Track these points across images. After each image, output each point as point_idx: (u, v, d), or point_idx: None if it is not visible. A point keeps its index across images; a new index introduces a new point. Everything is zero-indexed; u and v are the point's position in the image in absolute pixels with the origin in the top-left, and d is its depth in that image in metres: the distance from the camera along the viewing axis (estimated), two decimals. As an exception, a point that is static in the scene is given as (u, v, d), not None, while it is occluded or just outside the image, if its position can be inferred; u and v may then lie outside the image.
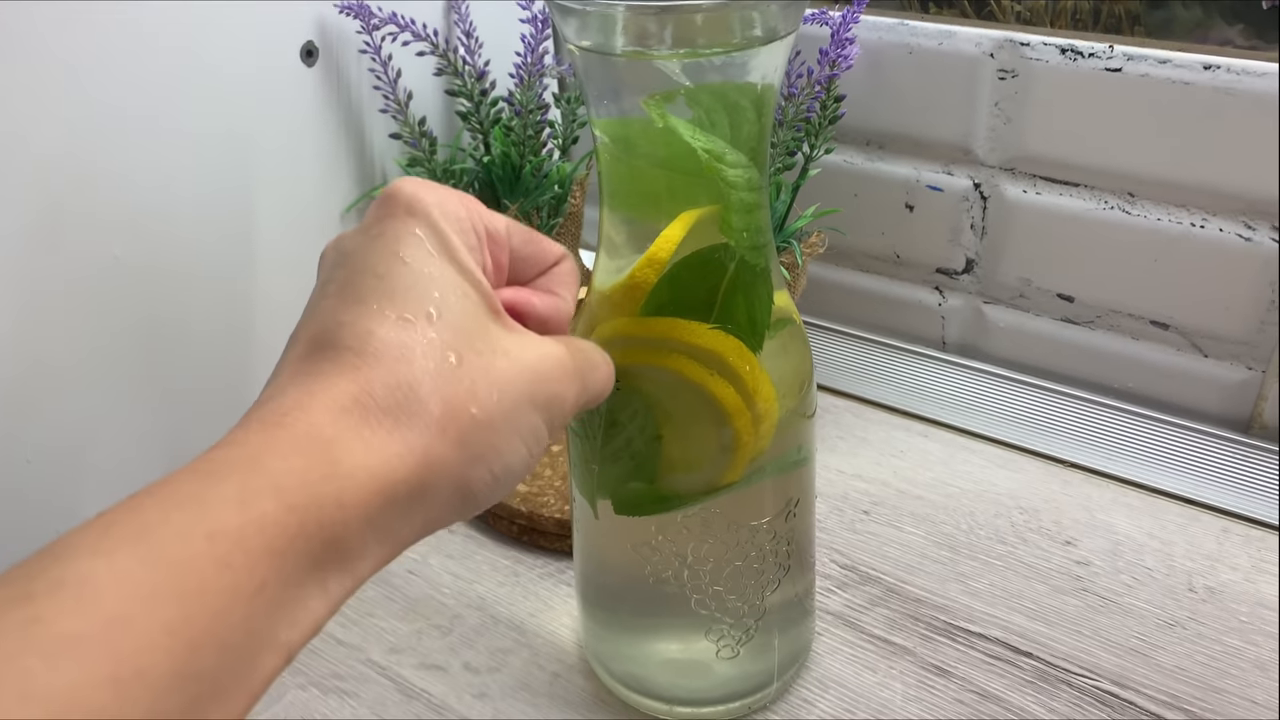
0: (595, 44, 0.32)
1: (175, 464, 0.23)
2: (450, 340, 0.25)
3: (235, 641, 0.20)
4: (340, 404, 0.23)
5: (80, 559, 0.19)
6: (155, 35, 0.46)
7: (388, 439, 0.23)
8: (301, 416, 0.23)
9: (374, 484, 0.22)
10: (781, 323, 0.38)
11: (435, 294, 0.25)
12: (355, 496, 0.22)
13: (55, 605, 0.18)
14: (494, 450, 0.24)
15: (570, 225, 0.60)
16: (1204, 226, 0.55)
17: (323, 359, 0.24)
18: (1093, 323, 0.61)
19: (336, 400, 0.23)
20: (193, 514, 0.20)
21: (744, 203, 0.34)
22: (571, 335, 0.33)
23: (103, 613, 0.18)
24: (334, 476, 0.22)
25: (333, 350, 0.24)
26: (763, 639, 0.43)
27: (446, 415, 0.24)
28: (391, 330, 0.24)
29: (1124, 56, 0.53)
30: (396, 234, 0.26)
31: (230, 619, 0.19)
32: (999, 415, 0.62)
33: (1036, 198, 0.59)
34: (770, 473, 0.39)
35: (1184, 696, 0.45)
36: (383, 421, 0.23)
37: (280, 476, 0.21)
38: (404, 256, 0.26)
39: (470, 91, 0.57)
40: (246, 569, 0.20)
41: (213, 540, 0.20)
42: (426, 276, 0.26)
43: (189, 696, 0.19)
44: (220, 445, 0.23)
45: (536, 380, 0.26)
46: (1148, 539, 0.53)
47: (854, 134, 0.63)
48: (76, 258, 0.46)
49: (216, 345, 0.53)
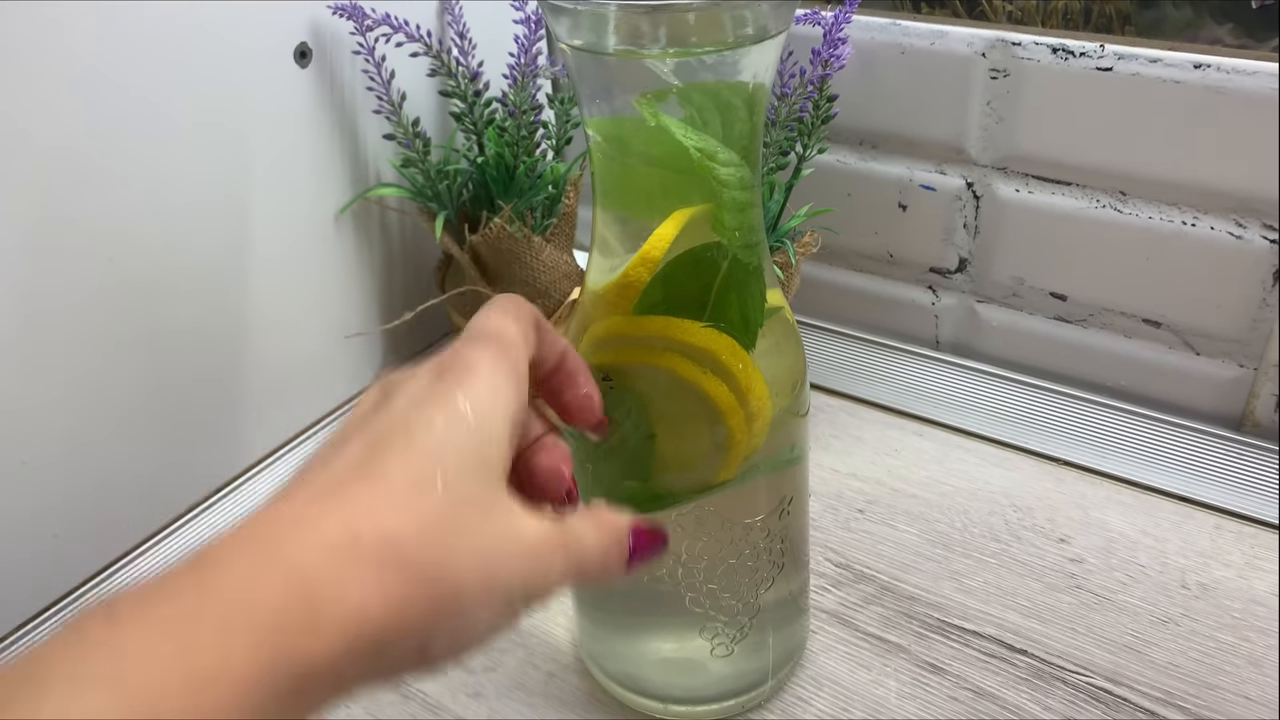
0: (587, 43, 0.32)
1: (166, 468, 0.23)
2: (454, 507, 0.25)
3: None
4: (333, 541, 0.23)
5: (53, 695, 0.20)
6: (148, 37, 0.46)
7: (368, 589, 0.23)
8: (295, 543, 0.23)
9: (345, 634, 0.23)
10: (774, 321, 0.38)
11: (456, 462, 0.26)
12: (327, 646, 0.22)
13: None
14: (464, 620, 0.25)
15: (564, 226, 0.60)
16: (1195, 225, 0.55)
17: (332, 487, 0.25)
18: (1085, 321, 0.61)
19: (330, 536, 0.23)
20: (172, 651, 0.21)
21: (736, 201, 0.34)
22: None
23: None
24: (312, 627, 0.22)
25: (340, 485, 0.25)
26: (757, 637, 0.43)
27: (429, 578, 0.24)
28: (401, 484, 0.25)
29: (1115, 56, 0.53)
30: (441, 398, 0.27)
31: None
32: (993, 414, 0.63)
33: (1029, 197, 0.59)
34: (764, 471, 0.39)
35: (1177, 693, 0.45)
36: (367, 569, 0.23)
37: (261, 617, 0.22)
38: (438, 421, 0.26)
39: (464, 92, 0.57)
40: (214, 710, 0.21)
41: (188, 681, 0.21)
42: (454, 445, 0.26)
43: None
44: (215, 553, 0.23)
45: (523, 560, 0.27)
46: (1141, 536, 0.53)
47: (847, 133, 0.64)
48: (70, 261, 0.46)
49: (210, 347, 0.53)
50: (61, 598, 0.50)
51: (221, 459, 0.56)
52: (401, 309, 0.62)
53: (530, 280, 0.58)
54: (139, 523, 0.53)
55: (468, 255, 0.58)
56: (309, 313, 0.59)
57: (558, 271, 0.59)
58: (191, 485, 0.55)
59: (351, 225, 0.60)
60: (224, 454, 0.56)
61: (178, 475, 0.54)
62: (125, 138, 0.47)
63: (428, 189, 0.58)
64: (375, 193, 0.60)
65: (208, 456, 0.56)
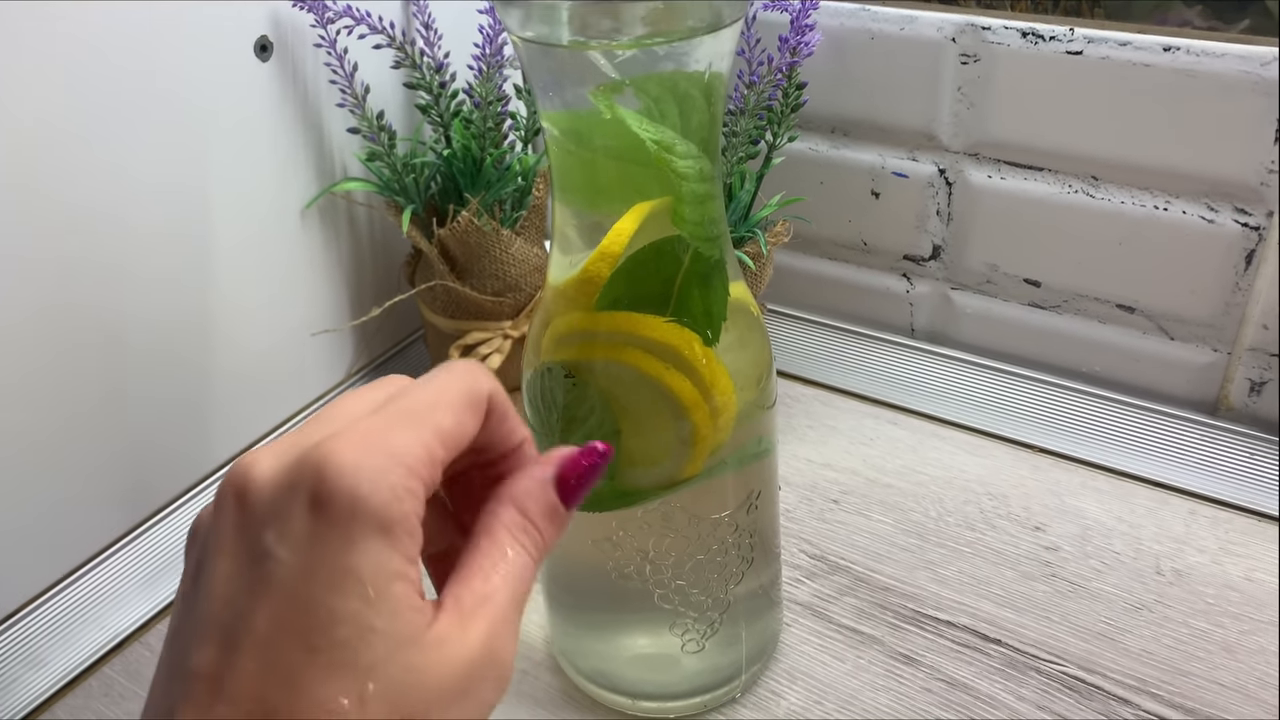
0: (539, 35, 0.31)
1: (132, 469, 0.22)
2: (380, 698, 0.22)
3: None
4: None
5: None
6: (106, 32, 0.45)
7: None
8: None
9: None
10: (738, 314, 0.37)
11: (372, 656, 0.22)
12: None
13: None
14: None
15: (534, 218, 0.60)
16: (1167, 209, 0.55)
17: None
18: (1059, 307, 0.61)
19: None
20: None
21: (695, 194, 0.33)
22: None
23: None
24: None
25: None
26: (729, 632, 0.42)
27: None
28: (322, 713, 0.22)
29: (1084, 39, 0.53)
30: (331, 576, 0.22)
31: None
32: (968, 401, 0.62)
33: (1001, 183, 0.59)
34: (731, 466, 0.38)
35: (1150, 680, 0.45)
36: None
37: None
38: (342, 613, 0.22)
39: (429, 84, 0.56)
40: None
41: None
42: (367, 632, 0.22)
43: None
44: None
45: (456, 690, 0.24)
46: (1116, 523, 0.53)
47: (818, 121, 0.63)
48: (28, 261, 0.45)
49: (176, 346, 0.53)
50: (27, 603, 0.49)
51: (189, 458, 0.56)
52: (370, 304, 0.62)
53: (500, 274, 0.58)
54: (105, 525, 0.52)
55: (436, 249, 0.57)
56: (276, 310, 0.58)
57: (528, 265, 0.59)
58: (160, 485, 0.54)
59: (318, 220, 0.59)
60: (192, 453, 0.56)
61: (144, 475, 0.53)
62: (84, 135, 0.46)
63: (394, 182, 0.57)
64: (341, 187, 0.59)
65: (175, 455, 0.55)
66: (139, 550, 0.53)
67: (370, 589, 0.22)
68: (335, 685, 0.22)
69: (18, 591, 0.49)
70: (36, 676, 0.49)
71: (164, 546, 0.54)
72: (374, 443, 0.23)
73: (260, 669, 0.22)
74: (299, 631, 0.22)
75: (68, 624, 0.50)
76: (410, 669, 0.23)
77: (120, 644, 0.51)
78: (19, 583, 0.49)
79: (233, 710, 0.22)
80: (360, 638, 0.22)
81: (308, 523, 0.22)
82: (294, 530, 0.22)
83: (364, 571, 0.22)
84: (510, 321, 0.59)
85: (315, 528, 0.22)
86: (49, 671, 0.49)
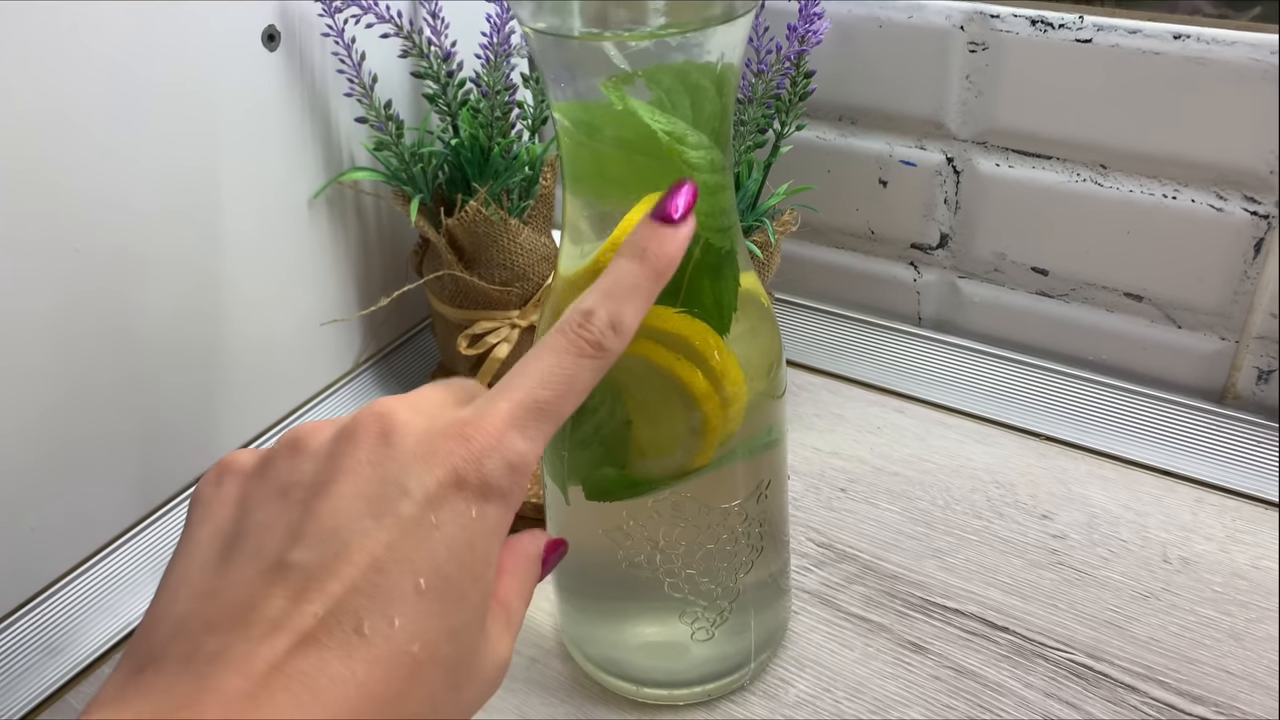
0: (551, 26, 0.31)
1: (143, 459, 0.22)
2: (439, 663, 0.24)
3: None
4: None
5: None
6: (113, 22, 0.45)
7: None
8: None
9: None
10: (749, 304, 0.37)
11: (458, 621, 0.25)
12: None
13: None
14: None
15: (542, 207, 0.60)
16: (1176, 198, 0.55)
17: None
18: (1067, 296, 0.61)
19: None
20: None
21: (707, 185, 0.33)
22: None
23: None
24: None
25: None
26: (738, 620, 0.43)
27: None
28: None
29: (1094, 27, 0.53)
30: (456, 538, 0.25)
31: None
32: (975, 389, 0.62)
33: (1009, 171, 0.59)
34: (741, 455, 0.39)
35: (1158, 668, 0.45)
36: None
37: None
38: (453, 573, 0.24)
39: (437, 73, 0.56)
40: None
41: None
42: (460, 598, 0.25)
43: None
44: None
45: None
46: (1123, 511, 0.53)
47: (826, 110, 0.63)
48: (35, 253, 0.45)
49: (184, 337, 0.53)
50: (41, 591, 0.50)
51: (200, 446, 0.56)
52: (378, 294, 0.62)
53: (508, 263, 0.58)
54: (118, 513, 0.52)
55: (444, 239, 0.57)
56: (284, 300, 0.58)
57: (536, 254, 0.59)
58: (171, 473, 0.54)
59: (326, 210, 0.59)
60: (203, 441, 0.56)
61: (155, 464, 0.53)
62: (90, 125, 0.46)
63: (402, 172, 0.57)
64: (349, 176, 0.59)
65: (187, 444, 0.55)
66: (152, 537, 0.53)
67: (487, 566, 0.25)
68: (422, 624, 0.23)
69: (32, 580, 0.49)
70: (52, 664, 0.49)
71: (177, 533, 0.54)
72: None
73: (364, 585, 0.23)
74: (410, 568, 0.23)
75: (82, 611, 0.51)
76: (475, 650, 0.25)
77: (134, 631, 0.51)
78: (33, 571, 0.49)
79: (321, 606, 0.23)
80: (458, 599, 0.24)
81: (446, 489, 0.24)
82: (429, 486, 0.24)
83: (481, 546, 0.25)
84: (518, 311, 0.60)
85: (445, 495, 0.24)
86: (64, 659, 0.49)
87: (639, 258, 0.28)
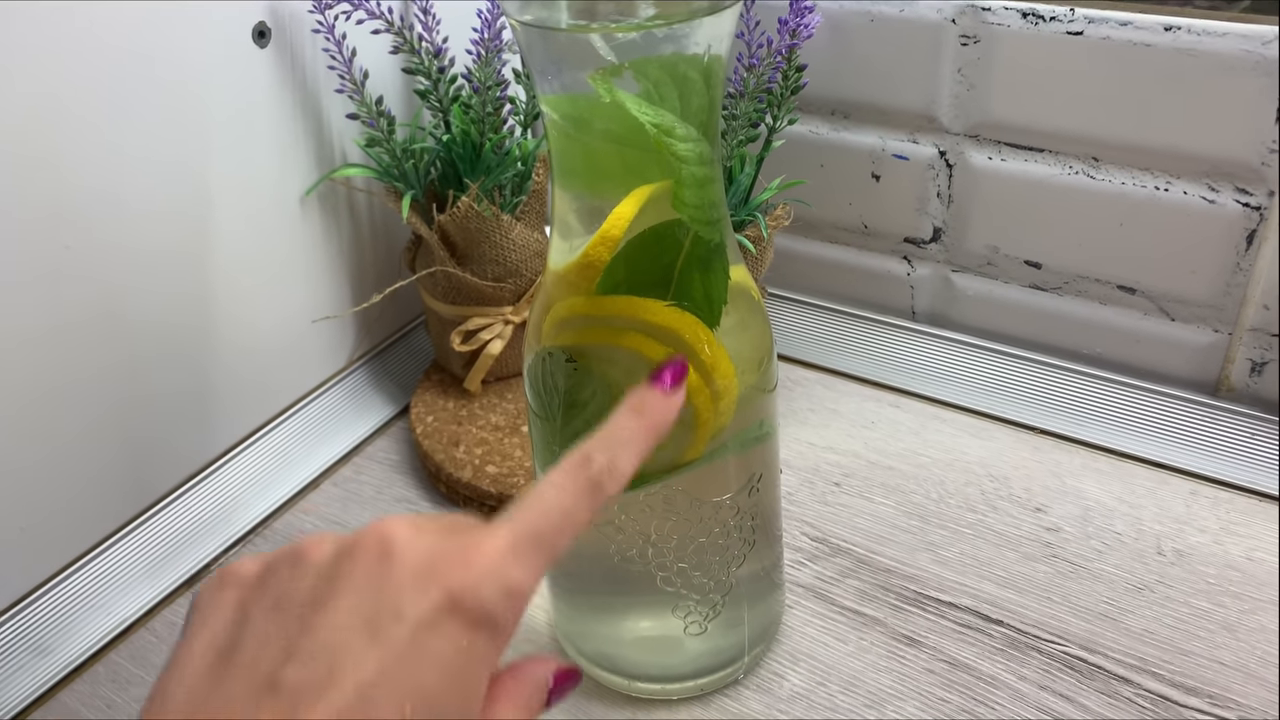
0: (537, 19, 0.31)
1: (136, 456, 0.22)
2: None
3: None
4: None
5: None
6: (103, 19, 0.45)
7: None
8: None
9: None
10: (739, 297, 0.37)
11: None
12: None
13: None
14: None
15: (534, 203, 0.60)
16: (1168, 190, 0.55)
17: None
18: (1060, 289, 0.61)
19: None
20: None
21: (695, 177, 0.33)
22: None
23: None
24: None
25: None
26: (731, 614, 0.43)
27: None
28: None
29: (1085, 19, 0.53)
30: (443, 663, 0.25)
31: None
32: (969, 383, 0.62)
33: (1002, 164, 0.59)
34: (732, 449, 0.39)
35: (1152, 660, 0.45)
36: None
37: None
38: (443, 701, 0.24)
39: (428, 69, 0.56)
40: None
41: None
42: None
43: None
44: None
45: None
46: (1117, 503, 0.53)
47: (818, 104, 0.63)
48: (26, 250, 0.45)
49: (177, 334, 0.53)
50: (32, 590, 0.49)
51: (192, 445, 0.56)
52: (371, 291, 0.62)
53: (500, 259, 0.58)
54: (108, 513, 0.52)
55: (436, 235, 0.57)
56: (277, 297, 0.58)
57: (528, 250, 0.58)
58: (162, 473, 0.54)
59: (318, 207, 0.59)
60: (194, 441, 0.56)
61: (146, 463, 0.53)
62: (81, 123, 0.46)
63: (394, 168, 0.57)
64: (341, 173, 0.59)
65: (179, 444, 0.55)
66: (143, 537, 0.53)
67: (475, 696, 0.25)
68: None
69: (23, 579, 0.49)
70: (43, 663, 0.49)
71: (167, 534, 0.54)
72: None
73: (351, 710, 0.23)
74: (398, 693, 0.24)
75: (73, 611, 0.50)
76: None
77: (126, 630, 0.51)
78: (24, 570, 0.49)
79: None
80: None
81: (440, 613, 0.24)
82: (424, 610, 0.24)
83: (471, 674, 0.25)
84: (511, 307, 0.59)
85: (439, 619, 0.24)
86: (55, 658, 0.49)
87: (637, 413, 0.30)
